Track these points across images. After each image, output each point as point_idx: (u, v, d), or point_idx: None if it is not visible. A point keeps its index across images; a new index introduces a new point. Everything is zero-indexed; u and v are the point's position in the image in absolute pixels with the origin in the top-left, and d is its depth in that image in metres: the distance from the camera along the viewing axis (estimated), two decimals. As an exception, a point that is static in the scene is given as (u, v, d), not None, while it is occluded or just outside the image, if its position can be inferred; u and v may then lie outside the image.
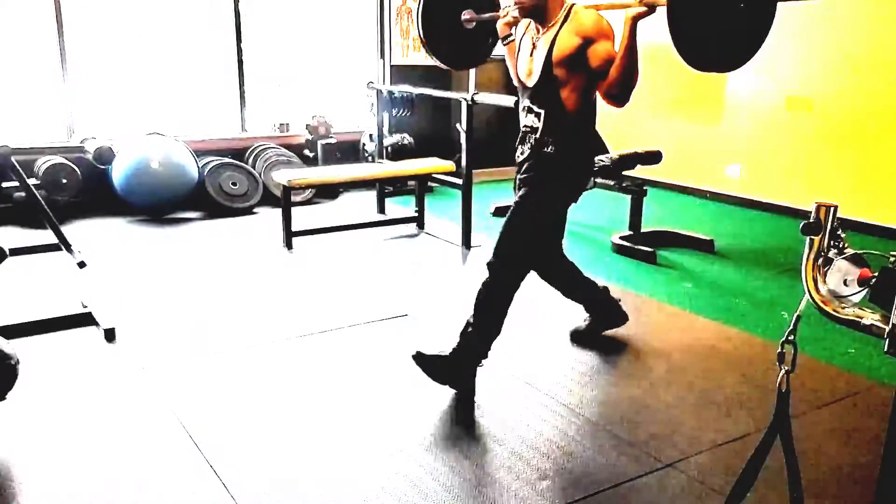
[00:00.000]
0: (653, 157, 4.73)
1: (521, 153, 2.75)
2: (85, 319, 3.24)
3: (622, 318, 3.19)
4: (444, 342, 3.07)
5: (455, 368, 2.65)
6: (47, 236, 3.48)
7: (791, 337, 1.48)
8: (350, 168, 5.30)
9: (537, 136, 2.66)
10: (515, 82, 2.80)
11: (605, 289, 3.19)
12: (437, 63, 3.44)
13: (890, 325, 1.28)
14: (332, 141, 6.01)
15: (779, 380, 1.50)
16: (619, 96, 2.48)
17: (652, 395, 2.70)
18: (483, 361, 2.70)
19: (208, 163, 5.46)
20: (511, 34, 2.87)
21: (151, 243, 4.61)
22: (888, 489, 1.37)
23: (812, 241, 1.44)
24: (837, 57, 5.07)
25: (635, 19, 2.40)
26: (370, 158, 6.15)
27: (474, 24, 3.28)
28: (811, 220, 1.42)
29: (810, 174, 5.34)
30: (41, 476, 2.12)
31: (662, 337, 3.24)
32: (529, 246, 2.76)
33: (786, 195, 5.50)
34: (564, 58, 2.52)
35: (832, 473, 2.20)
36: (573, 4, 2.62)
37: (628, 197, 4.68)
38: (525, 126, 2.73)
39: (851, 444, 2.37)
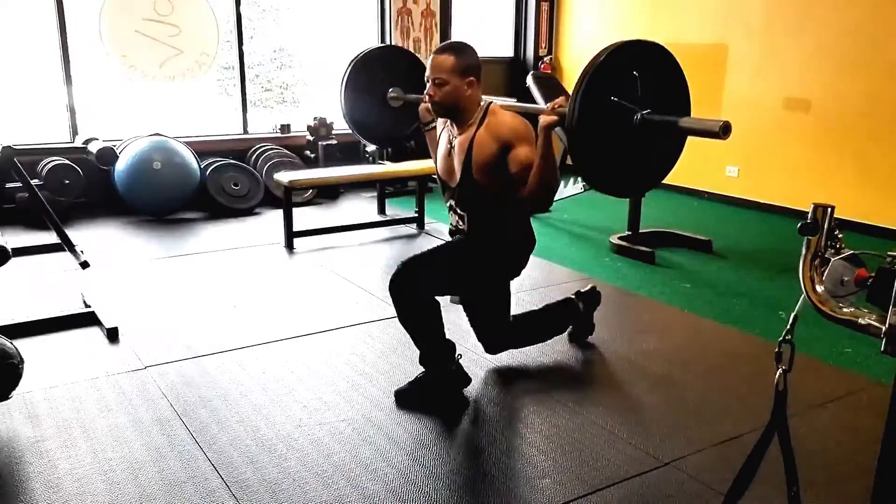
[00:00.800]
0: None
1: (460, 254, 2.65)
2: (88, 319, 3.25)
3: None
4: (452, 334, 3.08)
5: (435, 382, 2.60)
6: (50, 237, 3.50)
7: (788, 336, 1.49)
8: (351, 169, 5.31)
9: (465, 237, 2.61)
10: (436, 176, 2.73)
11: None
12: (360, 138, 3.36)
13: (887, 325, 1.29)
14: (333, 142, 6.03)
15: (776, 379, 1.52)
16: (540, 202, 2.41)
17: (650, 395, 2.71)
18: (454, 356, 2.62)
19: (210, 163, 5.48)
20: (432, 121, 2.77)
21: (153, 244, 4.63)
22: (885, 487, 1.39)
23: (809, 241, 1.45)
24: (835, 58, 5.09)
25: (546, 129, 2.29)
26: (371, 159, 6.16)
27: (401, 102, 3.19)
28: (808, 221, 1.44)
29: (808, 175, 5.36)
30: (43, 475, 2.13)
31: (660, 337, 3.26)
32: (432, 287, 2.52)
33: (783, 196, 5.52)
34: (484, 165, 2.45)
35: (829, 472, 2.21)
36: (490, 103, 2.54)
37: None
38: (451, 225, 2.69)
39: (848, 442, 2.38)
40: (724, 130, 2.12)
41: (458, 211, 2.61)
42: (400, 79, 3.13)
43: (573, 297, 3.06)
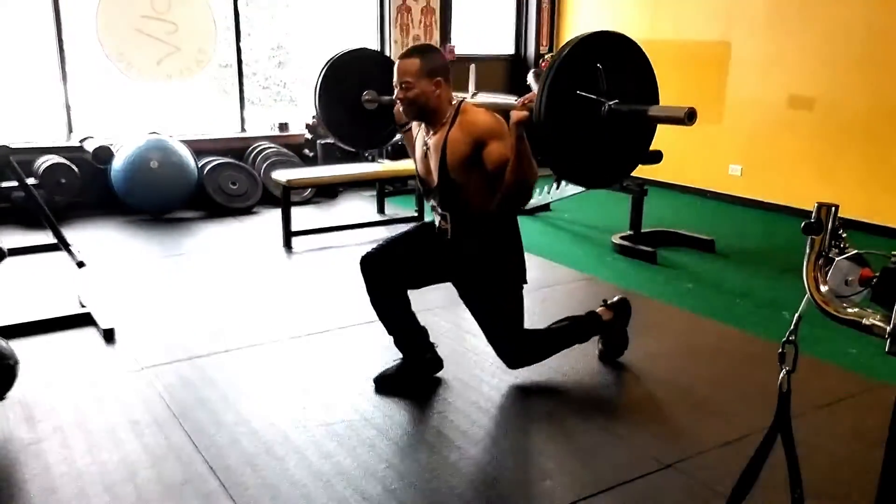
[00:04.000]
0: (653, 157, 4.72)
1: (443, 253, 2.65)
2: (84, 320, 3.24)
3: (435, 364, 2.79)
4: (443, 341, 3.07)
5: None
6: (46, 236, 3.48)
7: (792, 337, 1.48)
8: (350, 168, 5.30)
9: (449, 237, 2.60)
10: (416, 178, 2.74)
11: (424, 331, 2.79)
12: (336, 142, 3.33)
13: (891, 326, 1.28)
14: (332, 140, 6.01)
15: (780, 380, 1.50)
16: (518, 197, 2.38)
17: (652, 396, 2.69)
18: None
19: (208, 162, 5.46)
20: (409, 124, 2.74)
21: (150, 243, 4.61)
22: (890, 489, 1.37)
23: (813, 240, 1.44)
24: (840, 56, 5.07)
25: (519, 125, 2.24)
26: (370, 158, 6.15)
27: (375, 105, 3.16)
28: (812, 220, 1.42)
29: (811, 174, 5.34)
30: (39, 477, 2.11)
31: (663, 337, 3.24)
32: (521, 330, 2.67)
33: (787, 195, 5.50)
34: (459, 163, 2.44)
35: (833, 473, 2.20)
36: (462, 101, 2.54)
37: (629, 197, 4.68)
38: (437, 226, 2.67)
39: (853, 444, 2.37)
40: (688, 116, 2.11)
41: (440, 210, 2.61)
42: (373, 82, 3.13)
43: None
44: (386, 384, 2.68)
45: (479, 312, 2.68)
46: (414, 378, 2.72)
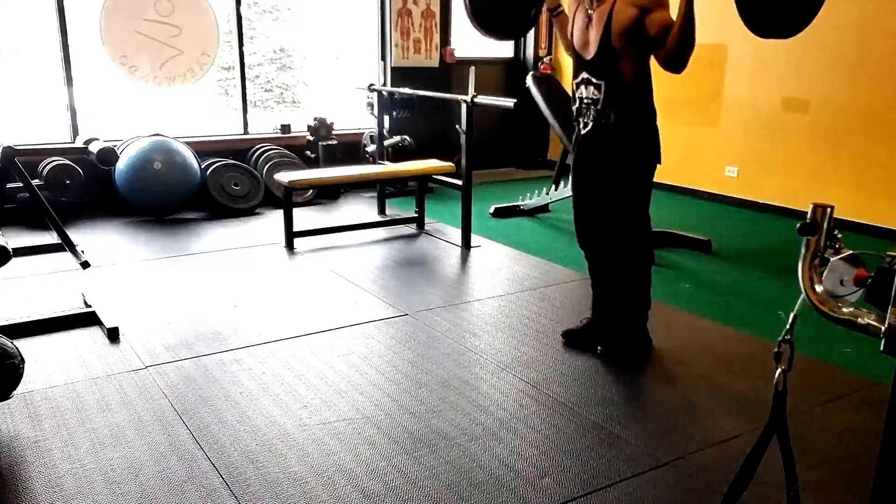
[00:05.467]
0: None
1: (584, 126, 2.80)
2: (88, 319, 3.26)
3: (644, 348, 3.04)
4: (443, 341, 3.09)
5: (629, 336, 2.95)
6: (51, 237, 3.50)
7: (788, 336, 1.50)
8: (351, 169, 5.31)
9: (598, 107, 2.72)
10: (569, 54, 2.86)
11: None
12: (478, 30, 3.29)
13: (886, 325, 1.29)
14: (334, 142, 6.04)
15: (776, 379, 1.52)
16: (677, 62, 2.54)
17: (650, 394, 2.71)
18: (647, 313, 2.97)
19: (210, 164, 5.48)
20: (560, 6, 2.90)
21: (154, 243, 4.63)
22: (884, 487, 1.39)
23: (808, 241, 1.45)
24: (835, 58, 5.09)
25: None
26: (371, 159, 6.17)
27: None
28: (808, 221, 1.44)
29: (807, 175, 5.36)
30: (43, 475, 2.13)
31: (660, 337, 3.25)
32: (648, 227, 2.91)
33: (782, 196, 5.52)
34: (623, 30, 2.58)
35: (829, 472, 2.22)
36: None
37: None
38: (584, 98, 2.78)
39: (848, 442, 2.39)
40: None
41: (594, 81, 2.72)
42: None
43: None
44: (574, 337, 3.03)
45: (609, 190, 2.82)
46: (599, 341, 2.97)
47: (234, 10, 5.82)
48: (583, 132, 2.84)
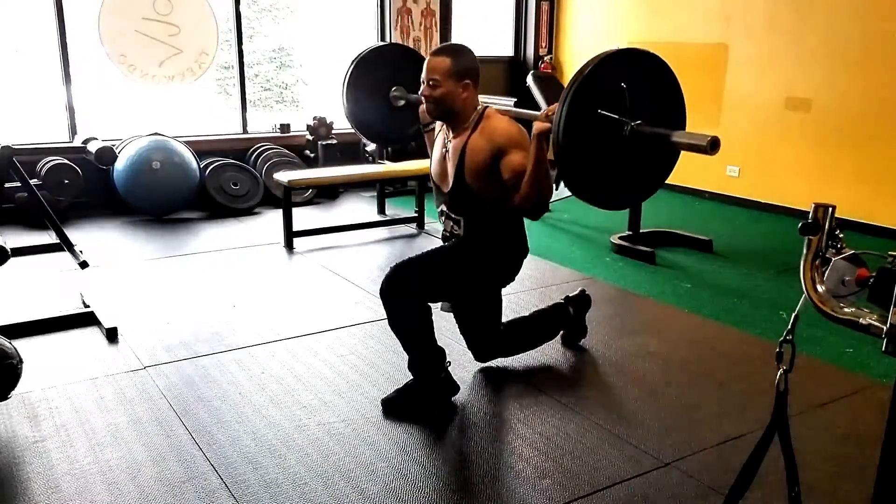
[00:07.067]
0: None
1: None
2: (87, 319, 3.25)
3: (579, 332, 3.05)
4: (443, 341, 3.08)
5: (423, 389, 2.55)
6: (49, 237, 3.49)
7: (789, 336, 1.49)
8: (350, 169, 5.30)
9: (459, 241, 2.60)
10: (430, 180, 2.72)
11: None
12: (361, 137, 3.27)
13: (888, 325, 1.29)
14: (333, 141, 6.03)
15: (777, 379, 1.51)
16: (532, 210, 2.39)
17: (651, 395, 2.71)
18: (444, 363, 2.57)
19: (209, 163, 5.47)
20: (432, 122, 2.72)
21: (153, 243, 4.62)
22: (886, 488, 1.38)
23: (810, 241, 1.45)
24: (836, 57, 5.08)
25: (540, 137, 2.27)
26: (371, 159, 6.16)
27: (403, 102, 3.15)
28: (809, 221, 1.43)
29: (808, 174, 5.35)
30: (42, 476, 2.12)
31: (661, 337, 3.25)
32: (423, 292, 2.48)
33: (784, 195, 5.51)
34: (477, 170, 2.43)
35: (830, 472, 2.21)
36: (486, 107, 2.53)
37: (628, 197, 4.69)
38: (445, 232, 2.66)
39: (849, 443, 2.38)
40: (711, 146, 2.09)
41: (452, 216, 2.60)
42: (403, 78, 3.07)
43: (562, 301, 3.05)
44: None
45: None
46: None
47: (234, 9, 5.81)
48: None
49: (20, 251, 3.38)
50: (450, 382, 2.60)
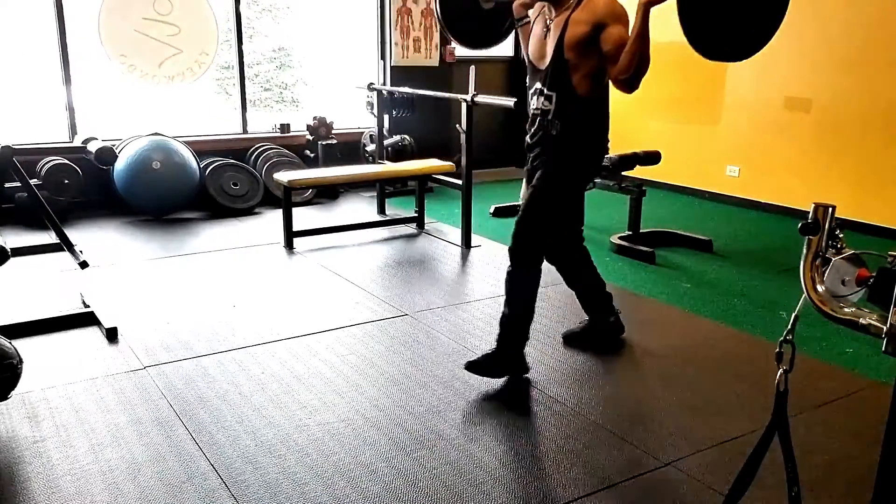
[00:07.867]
0: (652, 158, 4.75)
1: (531, 136, 2.76)
2: (87, 319, 3.25)
3: (618, 328, 3.14)
4: (443, 341, 3.08)
5: (503, 359, 2.74)
6: (49, 237, 3.49)
7: (789, 336, 1.49)
8: (350, 168, 5.30)
9: (548, 118, 2.67)
10: (527, 63, 2.82)
11: (609, 295, 3.12)
12: (455, 42, 3.38)
13: (888, 325, 1.29)
14: (333, 141, 6.03)
15: (777, 379, 1.51)
16: (629, 81, 2.49)
17: (651, 395, 2.71)
18: (525, 343, 2.78)
19: (209, 163, 5.47)
20: (526, 16, 2.86)
21: (153, 243, 4.62)
22: (886, 488, 1.38)
23: (810, 241, 1.45)
24: (836, 57, 5.08)
25: (647, 5, 2.40)
26: (371, 159, 6.16)
27: (492, 4, 3.23)
28: (809, 221, 1.44)
29: (808, 174, 5.36)
30: (42, 476, 2.12)
31: (661, 337, 3.25)
32: (545, 234, 2.74)
33: (784, 195, 5.51)
34: (577, 42, 2.53)
35: (830, 472, 2.21)
36: None
37: (627, 197, 4.69)
38: (535, 109, 2.73)
39: (849, 442, 2.38)
40: None
41: (546, 91, 2.67)
42: None
43: (617, 310, 3.15)
44: (574, 339, 3.06)
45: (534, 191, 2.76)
46: (600, 334, 3.05)
47: (234, 9, 5.81)
48: (528, 141, 2.77)
49: (20, 251, 3.38)
50: (520, 362, 2.81)
